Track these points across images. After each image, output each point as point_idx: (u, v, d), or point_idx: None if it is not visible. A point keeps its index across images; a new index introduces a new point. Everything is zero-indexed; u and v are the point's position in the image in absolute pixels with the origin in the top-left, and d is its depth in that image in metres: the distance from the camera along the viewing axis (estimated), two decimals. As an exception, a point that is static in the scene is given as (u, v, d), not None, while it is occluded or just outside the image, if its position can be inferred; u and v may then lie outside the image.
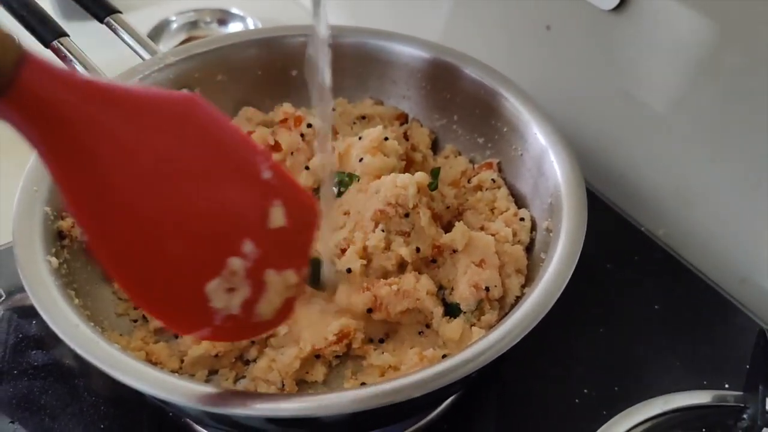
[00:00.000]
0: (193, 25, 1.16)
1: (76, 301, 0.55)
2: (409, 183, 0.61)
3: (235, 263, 0.43)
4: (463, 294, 0.61)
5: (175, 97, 0.42)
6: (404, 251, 0.61)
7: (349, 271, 0.61)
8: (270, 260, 0.45)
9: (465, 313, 0.61)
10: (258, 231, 0.45)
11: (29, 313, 0.68)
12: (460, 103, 0.75)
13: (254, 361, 0.60)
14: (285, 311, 0.48)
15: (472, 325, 0.60)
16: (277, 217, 0.45)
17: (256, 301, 0.46)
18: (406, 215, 0.62)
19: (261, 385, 0.59)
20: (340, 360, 0.61)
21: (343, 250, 0.62)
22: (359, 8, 1.14)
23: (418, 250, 0.63)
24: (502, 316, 0.61)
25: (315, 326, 0.60)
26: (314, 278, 0.62)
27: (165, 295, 0.43)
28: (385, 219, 0.62)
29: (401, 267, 0.63)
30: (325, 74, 0.55)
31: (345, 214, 0.65)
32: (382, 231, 0.61)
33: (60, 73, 0.36)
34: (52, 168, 0.37)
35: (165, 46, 1.10)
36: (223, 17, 1.18)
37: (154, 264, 0.42)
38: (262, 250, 0.44)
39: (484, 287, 0.61)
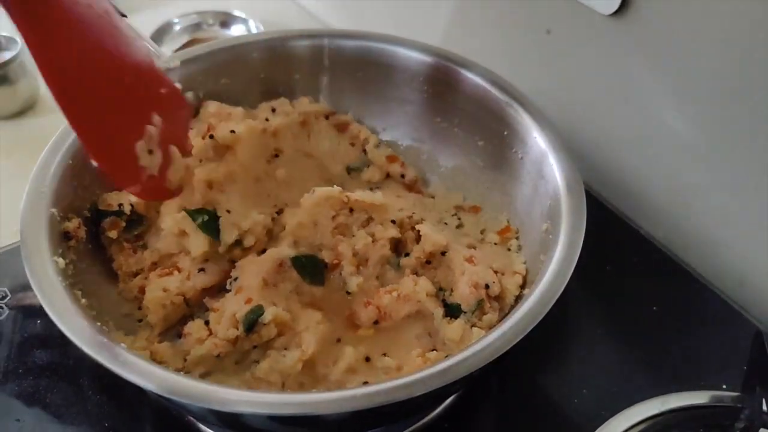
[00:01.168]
0: (196, 27, 1.17)
1: (83, 301, 0.55)
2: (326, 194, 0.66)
3: (151, 129, 0.59)
4: (463, 294, 0.62)
5: None
6: (391, 231, 0.64)
7: (349, 293, 0.64)
8: (169, 136, 0.61)
9: (465, 313, 0.62)
10: (159, 107, 0.60)
11: (35, 312, 0.68)
12: (460, 106, 0.75)
13: (256, 362, 0.61)
14: (181, 187, 0.64)
15: (472, 326, 0.61)
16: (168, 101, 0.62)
17: (167, 168, 0.61)
18: (351, 210, 0.66)
19: (263, 386, 0.59)
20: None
21: (336, 264, 0.65)
22: (359, 11, 1.15)
23: (393, 222, 0.67)
24: (502, 317, 0.62)
25: (316, 328, 0.61)
26: (314, 275, 0.64)
27: (109, 151, 0.57)
28: (344, 224, 0.66)
29: (397, 250, 0.66)
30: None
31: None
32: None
33: None
34: (28, 39, 0.48)
35: (168, 48, 1.11)
36: (226, 19, 1.18)
37: (99, 122, 0.55)
38: (164, 123, 0.60)
39: (483, 285, 0.61)
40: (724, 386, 0.64)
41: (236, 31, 1.17)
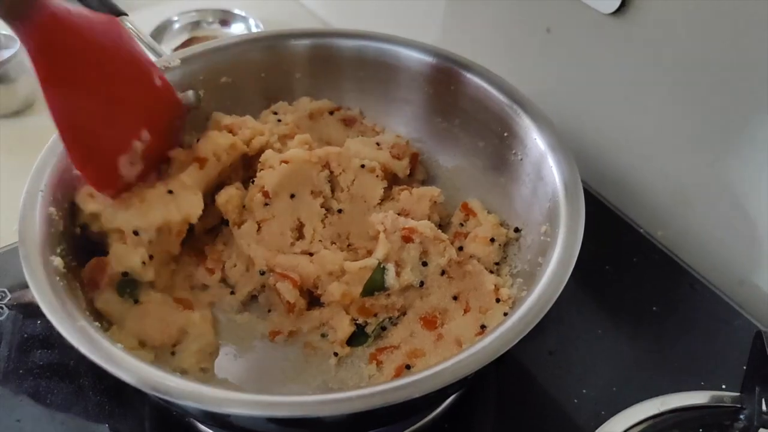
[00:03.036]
0: (196, 25, 1.17)
1: (80, 300, 0.55)
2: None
3: (137, 145, 0.63)
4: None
5: (104, 17, 0.60)
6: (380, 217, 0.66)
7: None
8: (157, 145, 0.66)
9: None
10: (150, 123, 0.64)
11: (35, 312, 0.68)
12: (461, 107, 0.75)
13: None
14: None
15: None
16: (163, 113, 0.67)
17: (144, 176, 0.66)
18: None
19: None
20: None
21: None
22: (358, 10, 1.15)
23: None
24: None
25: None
26: (377, 284, 0.64)
27: (92, 161, 0.61)
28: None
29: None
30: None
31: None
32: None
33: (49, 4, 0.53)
34: (35, 62, 0.54)
35: (167, 46, 1.11)
36: (225, 18, 1.18)
37: (88, 137, 0.60)
38: (152, 138, 0.64)
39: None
40: (724, 386, 0.64)
41: (236, 29, 1.17)
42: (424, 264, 0.66)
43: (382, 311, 0.66)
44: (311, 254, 0.68)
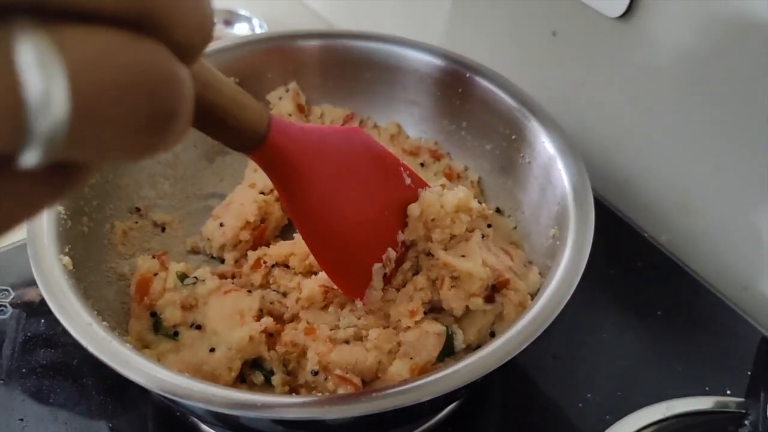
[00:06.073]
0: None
1: (88, 300, 0.55)
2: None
3: (391, 252, 0.59)
4: None
5: (346, 129, 0.56)
6: None
7: None
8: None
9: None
10: (405, 223, 0.60)
11: (38, 311, 0.68)
12: (469, 110, 0.75)
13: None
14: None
15: None
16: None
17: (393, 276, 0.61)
18: None
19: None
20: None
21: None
22: (363, 11, 1.14)
23: None
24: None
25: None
26: (449, 351, 0.59)
27: (347, 274, 0.57)
28: None
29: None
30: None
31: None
32: None
33: (286, 126, 0.48)
34: (280, 190, 0.51)
35: (171, 45, 1.10)
36: (229, 18, 1.18)
37: (343, 254, 0.56)
38: (407, 238, 0.60)
39: None
40: (729, 392, 0.64)
41: (240, 29, 1.17)
42: (492, 334, 0.60)
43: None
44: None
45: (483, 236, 0.62)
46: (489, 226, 0.64)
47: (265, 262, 0.67)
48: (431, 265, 0.60)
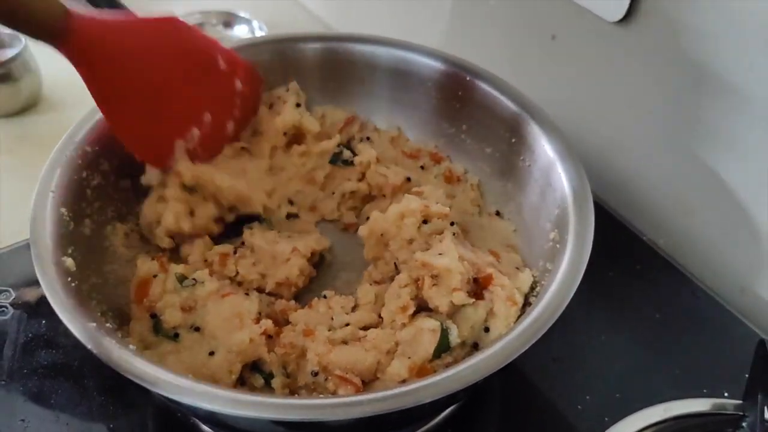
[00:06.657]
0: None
1: (91, 301, 0.55)
2: None
3: (195, 131, 0.69)
4: None
5: (160, 19, 0.63)
6: None
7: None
8: (221, 123, 0.72)
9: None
10: (214, 106, 0.70)
11: (39, 312, 0.68)
12: (469, 113, 0.76)
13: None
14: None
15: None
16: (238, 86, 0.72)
17: (198, 155, 0.70)
18: None
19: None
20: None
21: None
22: (363, 14, 1.15)
23: None
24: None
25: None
26: (444, 347, 0.59)
27: (147, 146, 0.66)
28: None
29: None
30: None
31: None
32: None
33: (90, 21, 0.54)
34: (85, 80, 0.57)
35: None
36: (229, 20, 1.19)
37: (146, 124, 0.64)
38: (213, 118, 0.69)
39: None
40: (726, 394, 0.64)
41: (239, 31, 1.18)
42: (486, 329, 0.60)
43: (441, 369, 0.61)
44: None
45: (454, 234, 0.64)
46: (452, 224, 0.66)
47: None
48: (411, 267, 0.61)
